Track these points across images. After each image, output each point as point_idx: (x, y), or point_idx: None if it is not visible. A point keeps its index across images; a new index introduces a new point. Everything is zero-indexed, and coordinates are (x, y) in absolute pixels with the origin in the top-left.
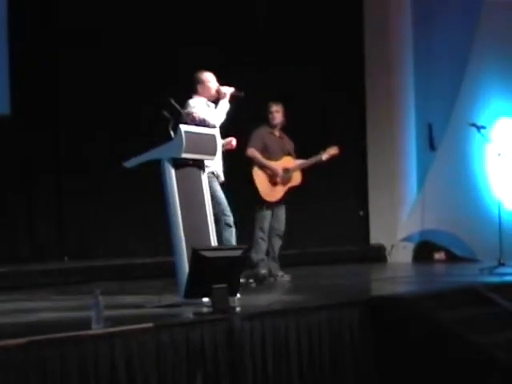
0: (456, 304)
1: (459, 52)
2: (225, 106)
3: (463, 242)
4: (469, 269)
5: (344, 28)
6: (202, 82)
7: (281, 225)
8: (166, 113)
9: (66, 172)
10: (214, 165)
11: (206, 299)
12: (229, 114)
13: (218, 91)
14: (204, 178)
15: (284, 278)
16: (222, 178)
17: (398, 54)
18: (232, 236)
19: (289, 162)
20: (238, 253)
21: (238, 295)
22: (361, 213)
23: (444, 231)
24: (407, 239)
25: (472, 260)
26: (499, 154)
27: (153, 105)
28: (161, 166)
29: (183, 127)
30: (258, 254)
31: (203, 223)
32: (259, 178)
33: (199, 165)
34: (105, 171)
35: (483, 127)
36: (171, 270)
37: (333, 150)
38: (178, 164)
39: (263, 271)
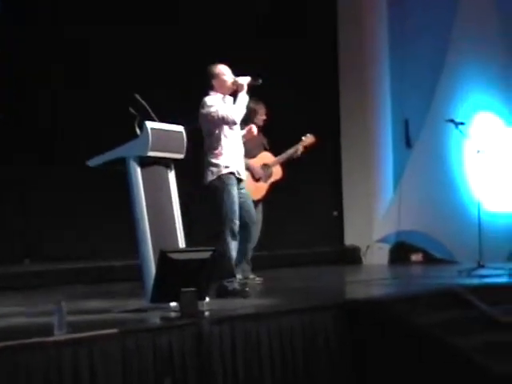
0: (433, 307)
1: (437, 43)
2: (244, 98)
3: (441, 243)
4: (447, 271)
5: (315, 12)
6: (216, 75)
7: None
8: (132, 109)
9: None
10: (235, 163)
11: (173, 304)
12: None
13: (234, 83)
14: (171, 177)
15: (256, 280)
16: (243, 176)
17: (373, 45)
18: (236, 248)
19: (267, 157)
20: (207, 255)
21: (207, 299)
22: (335, 213)
23: (421, 232)
24: (383, 240)
25: (450, 262)
26: (478, 151)
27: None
28: (126, 164)
29: (149, 124)
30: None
31: (171, 225)
32: None
33: (167, 163)
34: (69, 169)
35: (461, 123)
36: (137, 274)
37: (309, 139)
38: (144, 163)
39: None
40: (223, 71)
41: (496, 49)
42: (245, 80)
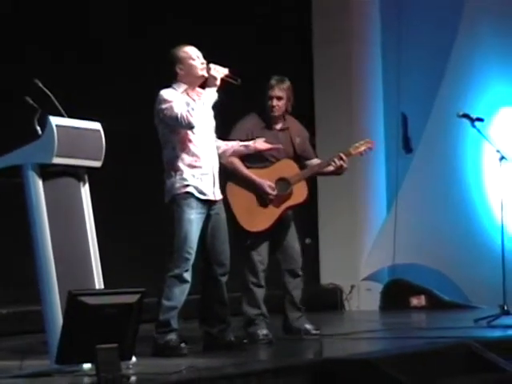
0: (441, 368)
1: (445, 17)
2: (210, 96)
3: (451, 281)
4: (459, 319)
5: None
6: (181, 60)
7: (292, 258)
8: (29, 99)
9: None
10: (198, 180)
11: (87, 365)
12: None
13: (205, 71)
14: (85, 192)
15: (314, 335)
16: (210, 195)
17: (360, 20)
18: (183, 294)
19: (287, 167)
20: (133, 298)
21: (134, 359)
22: (307, 240)
23: (424, 266)
24: (373, 278)
25: (464, 307)
26: (502, 158)
27: None
28: (22, 174)
29: (55, 119)
30: (253, 307)
31: (84, 258)
32: (237, 199)
33: (78, 174)
34: None
35: (480, 119)
36: (39, 324)
37: (364, 145)
38: (48, 173)
39: (263, 331)
40: (191, 54)
41: None
42: (220, 72)
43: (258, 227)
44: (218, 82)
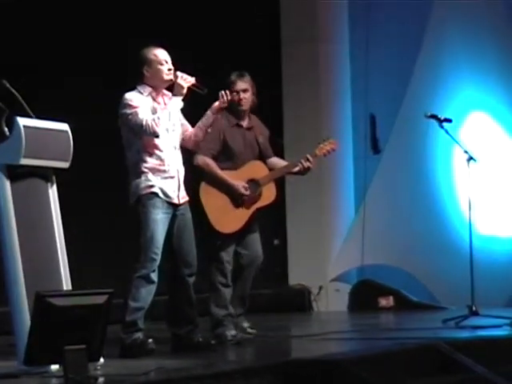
0: (409, 370)
1: (413, 18)
2: (175, 105)
3: (419, 281)
4: (428, 320)
5: None
6: (149, 62)
7: (254, 253)
8: None
9: None
10: (163, 181)
11: (55, 366)
12: None
13: (171, 77)
14: (53, 193)
15: (249, 334)
16: (175, 199)
17: (328, 21)
18: (150, 295)
19: (257, 168)
20: (101, 299)
21: (102, 360)
22: (275, 241)
23: (392, 267)
24: (341, 279)
25: (432, 307)
26: (470, 159)
27: None
28: None
29: (22, 120)
30: (221, 308)
31: (52, 259)
32: (210, 199)
33: (46, 175)
34: None
35: (448, 120)
36: (6, 325)
37: (328, 146)
38: (16, 174)
39: (231, 332)
40: (160, 58)
41: (495, 26)
42: (187, 80)
43: (230, 228)
44: (185, 91)
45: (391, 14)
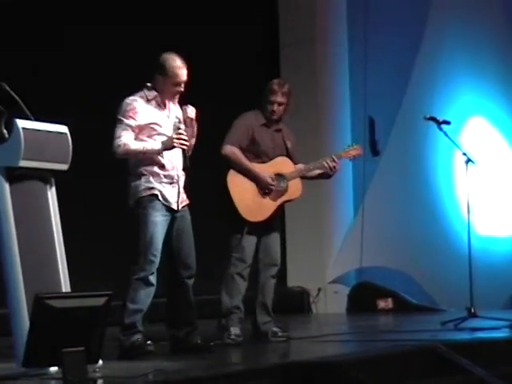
0: (408, 371)
1: (412, 20)
2: (178, 113)
3: (418, 284)
4: (426, 322)
5: None
6: (166, 71)
7: (272, 258)
8: None
9: None
10: (162, 185)
11: (54, 368)
12: None
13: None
14: (52, 195)
15: (281, 337)
16: (173, 204)
17: (327, 23)
18: (149, 297)
19: (284, 164)
20: (100, 301)
21: (100, 362)
22: None
23: (391, 269)
24: (340, 281)
25: (431, 309)
26: (468, 161)
27: None
28: None
29: (21, 122)
30: (232, 298)
31: (51, 260)
32: (237, 187)
33: (45, 177)
34: None
35: (447, 122)
36: (5, 327)
37: (353, 151)
38: (15, 176)
39: (236, 331)
40: (179, 74)
41: (494, 32)
42: (180, 141)
43: (256, 217)
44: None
45: (390, 18)
